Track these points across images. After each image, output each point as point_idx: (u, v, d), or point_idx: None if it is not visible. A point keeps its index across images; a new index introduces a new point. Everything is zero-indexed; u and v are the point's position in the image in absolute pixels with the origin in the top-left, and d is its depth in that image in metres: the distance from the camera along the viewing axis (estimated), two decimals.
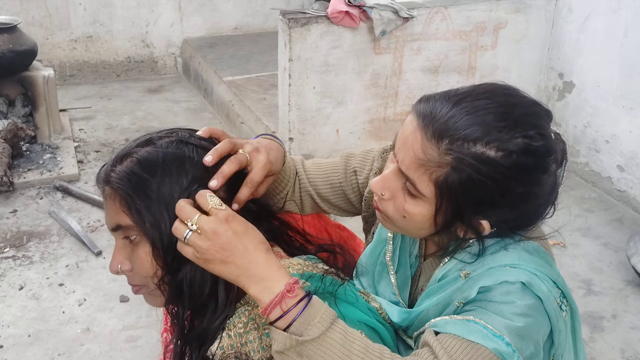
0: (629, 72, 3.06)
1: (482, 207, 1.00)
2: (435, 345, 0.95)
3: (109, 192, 1.00)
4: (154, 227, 0.96)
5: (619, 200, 3.22)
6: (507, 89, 1.03)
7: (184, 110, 4.30)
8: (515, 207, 1.00)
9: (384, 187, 1.06)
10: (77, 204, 3.06)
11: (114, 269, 1.02)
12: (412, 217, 1.04)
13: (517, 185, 0.98)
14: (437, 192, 0.99)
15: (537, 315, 1.01)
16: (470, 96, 1.00)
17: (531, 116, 1.00)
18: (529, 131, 0.97)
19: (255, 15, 5.13)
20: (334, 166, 1.33)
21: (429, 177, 0.98)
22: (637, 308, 2.47)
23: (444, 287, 1.10)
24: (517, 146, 0.95)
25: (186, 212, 0.92)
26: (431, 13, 3.03)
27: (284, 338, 0.91)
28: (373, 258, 1.25)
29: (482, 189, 0.97)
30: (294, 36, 2.78)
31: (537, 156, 0.97)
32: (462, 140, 0.95)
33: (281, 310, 0.92)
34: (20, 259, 2.64)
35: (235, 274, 0.92)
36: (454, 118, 0.97)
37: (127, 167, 0.98)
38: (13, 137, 3.24)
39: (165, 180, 0.97)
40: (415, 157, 0.99)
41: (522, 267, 1.04)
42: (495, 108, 0.98)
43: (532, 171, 0.98)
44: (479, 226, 1.02)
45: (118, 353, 2.17)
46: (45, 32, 4.48)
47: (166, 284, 1.00)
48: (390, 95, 3.14)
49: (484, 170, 0.95)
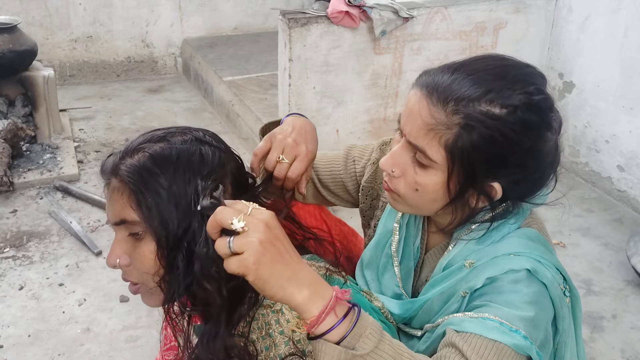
0: (629, 72, 3.06)
1: (493, 167, 1.02)
2: (462, 345, 0.96)
3: (117, 184, 0.96)
4: (162, 225, 0.94)
5: (619, 200, 3.22)
6: (502, 55, 1.09)
7: (184, 110, 4.30)
8: (524, 166, 1.02)
9: (393, 164, 1.08)
10: (77, 204, 3.06)
11: (111, 262, 0.99)
12: (425, 189, 1.05)
13: (525, 140, 1.00)
14: (448, 156, 1.01)
15: (544, 301, 1.03)
16: (467, 63, 1.05)
17: (527, 75, 1.04)
18: (528, 87, 1.01)
19: (255, 15, 5.13)
20: (337, 156, 1.36)
21: (438, 142, 1.00)
22: (637, 308, 2.47)
23: (449, 276, 1.10)
24: (520, 101, 0.99)
25: (230, 212, 0.82)
26: (431, 13, 3.03)
27: (337, 352, 0.83)
28: (378, 250, 1.26)
29: (492, 146, 0.99)
30: (294, 36, 2.78)
31: (539, 111, 1.01)
32: (467, 100, 0.99)
33: (336, 316, 0.84)
34: (20, 259, 2.64)
35: (285, 276, 0.81)
36: (456, 81, 1.01)
37: (139, 161, 0.95)
38: (13, 137, 3.24)
39: (177, 178, 0.94)
40: (424, 123, 1.01)
41: (526, 255, 1.05)
42: (493, 69, 1.02)
43: (537, 127, 1.01)
44: (491, 190, 1.04)
45: (118, 353, 2.17)
46: (45, 32, 4.48)
47: (167, 282, 0.97)
48: (390, 95, 3.14)
49: (492, 126, 0.98)
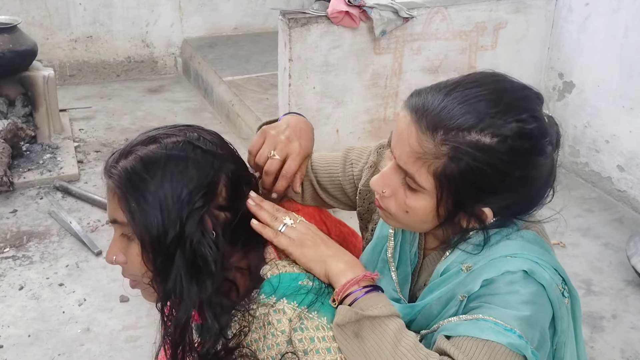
0: (629, 72, 3.06)
1: (483, 195, 1.00)
2: (452, 351, 0.95)
3: (111, 185, 0.99)
4: (146, 229, 0.95)
5: (619, 200, 3.22)
6: (496, 76, 1.04)
7: (184, 110, 4.30)
8: (515, 191, 1.01)
9: (384, 185, 1.07)
10: (77, 204, 3.06)
11: (109, 259, 1.03)
12: (415, 212, 1.05)
13: (515, 170, 0.98)
14: (437, 184, 1.00)
15: (542, 301, 1.02)
16: (460, 86, 1.00)
17: (522, 100, 1.01)
18: (522, 115, 0.97)
19: (255, 15, 5.13)
20: (335, 158, 1.35)
21: (427, 170, 0.99)
22: (637, 308, 2.47)
23: (446, 281, 1.10)
24: (512, 130, 0.96)
25: (283, 212, 1.10)
26: (431, 13, 3.03)
27: (347, 311, 0.98)
28: (374, 255, 1.26)
29: (480, 176, 0.97)
30: (294, 36, 2.78)
31: (532, 139, 0.98)
32: (457, 130, 0.96)
33: (358, 286, 1.01)
34: (20, 259, 2.64)
35: (326, 254, 1.05)
36: (446, 108, 0.97)
37: (129, 164, 0.97)
38: (13, 137, 3.24)
39: (165, 183, 0.96)
40: (412, 150, 1.00)
41: (524, 256, 1.04)
42: (486, 95, 0.98)
43: (528, 154, 0.98)
44: (481, 214, 1.03)
45: (118, 353, 2.17)
46: (45, 32, 4.48)
47: (157, 283, 0.99)
48: (390, 95, 3.14)
49: (480, 157, 0.96)
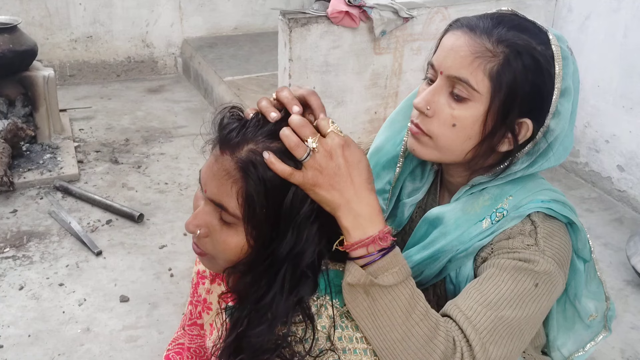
0: (629, 72, 3.06)
1: (529, 104, 1.05)
2: (455, 312, 1.01)
3: (230, 165, 0.90)
4: (259, 233, 0.92)
5: (619, 200, 3.22)
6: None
7: (184, 110, 4.30)
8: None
9: (429, 101, 1.09)
10: (77, 204, 3.06)
11: (191, 229, 0.95)
12: (463, 122, 1.06)
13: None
14: (491, 85, 1.03)
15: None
16: (501, 15, 1.09)
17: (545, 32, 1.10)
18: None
19: (255, 15, 5.13)
20: None
21: (483, 70, 1.03)
22: (637, 308, 2.47)
23: (476, 197, 1.15)
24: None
25: (309, 130, 0.90)
26: (431, 13, 3.03)
27: (360, 273, 0.93)
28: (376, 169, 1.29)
29: (534, 76, 1.03)
30: (294, 36, 2.78)
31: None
32: (514, 31, 1.03)
33: (366, 251, 0.93)
34: (20, 259, 2.64)
35: (337, 202, 0.92)
36: (495, 21, 1.06)
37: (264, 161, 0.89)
38: (13, 137, 3.24)
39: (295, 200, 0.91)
40: (470, 51, 1.04)
41: (551, 190, 1.13)
42: (519, 18, 1.09)
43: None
44: (521, 127, 1.07)
45: (118, 353, 2.17)
46: (45, 32, 4.48)
47: (239, 272, 0.95)
48: (390, 95, 3.14)
49: (532, 63, 1.02)
